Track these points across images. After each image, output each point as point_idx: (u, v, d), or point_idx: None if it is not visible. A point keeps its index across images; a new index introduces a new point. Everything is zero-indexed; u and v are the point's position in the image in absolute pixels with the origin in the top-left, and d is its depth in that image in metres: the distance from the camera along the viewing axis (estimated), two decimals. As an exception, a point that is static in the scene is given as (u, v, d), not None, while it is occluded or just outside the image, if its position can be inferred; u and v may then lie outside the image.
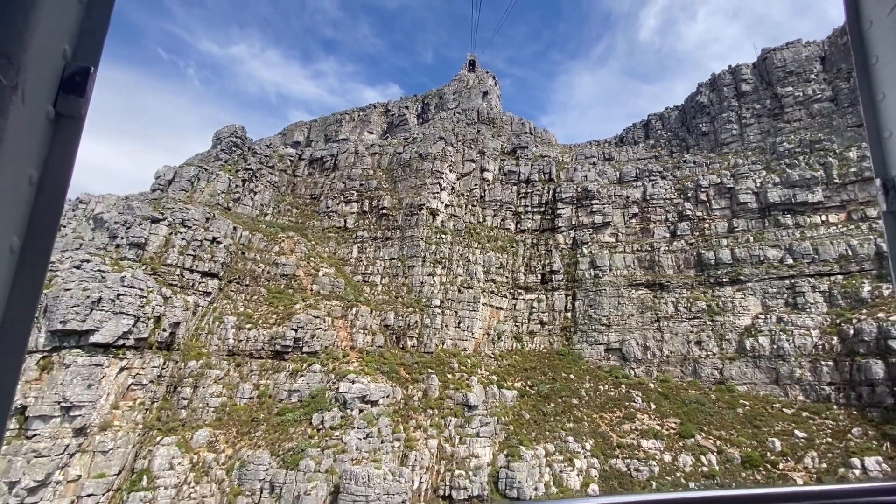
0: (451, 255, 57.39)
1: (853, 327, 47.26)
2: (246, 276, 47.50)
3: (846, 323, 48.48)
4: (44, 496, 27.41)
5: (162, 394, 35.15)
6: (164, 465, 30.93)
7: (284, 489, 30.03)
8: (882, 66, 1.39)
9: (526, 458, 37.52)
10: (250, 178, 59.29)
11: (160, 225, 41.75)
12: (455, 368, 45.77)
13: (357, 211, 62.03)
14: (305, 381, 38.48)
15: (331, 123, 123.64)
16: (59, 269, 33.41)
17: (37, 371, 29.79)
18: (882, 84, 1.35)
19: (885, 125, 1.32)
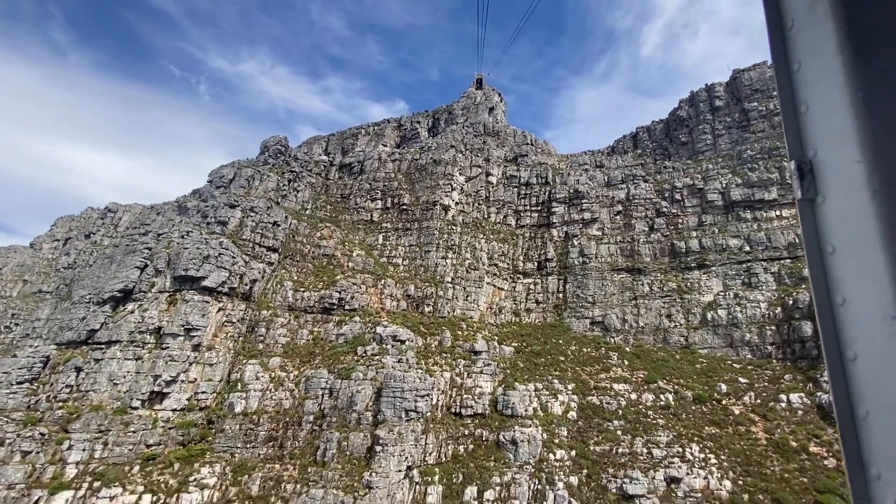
0: (461, 243, 70.44)
1: (793, 299, 59.07)
2: (296, 254, 60.87)
3: (788, 296, 60.25)
4: (174, 389, 40.17)
5: (244, 331, 48.10)
6: (251, 377, 43.61)
7: (340, 392, 42.47)
8: (798, 32, 1.38)
9: (519, 389, 49.59)
10: (294, 178, 73.36)
11: (236, 210, 55.53)
12: (464, 328, 58.28)
13: (381, 207, 75.64)
14: (349, 328, 51.22)
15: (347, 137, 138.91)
16: (171, 237, 46.97)
17: (166, 304, 42.96)
18: (798, 51, 1.34)
19: (801, 99, 1.31)
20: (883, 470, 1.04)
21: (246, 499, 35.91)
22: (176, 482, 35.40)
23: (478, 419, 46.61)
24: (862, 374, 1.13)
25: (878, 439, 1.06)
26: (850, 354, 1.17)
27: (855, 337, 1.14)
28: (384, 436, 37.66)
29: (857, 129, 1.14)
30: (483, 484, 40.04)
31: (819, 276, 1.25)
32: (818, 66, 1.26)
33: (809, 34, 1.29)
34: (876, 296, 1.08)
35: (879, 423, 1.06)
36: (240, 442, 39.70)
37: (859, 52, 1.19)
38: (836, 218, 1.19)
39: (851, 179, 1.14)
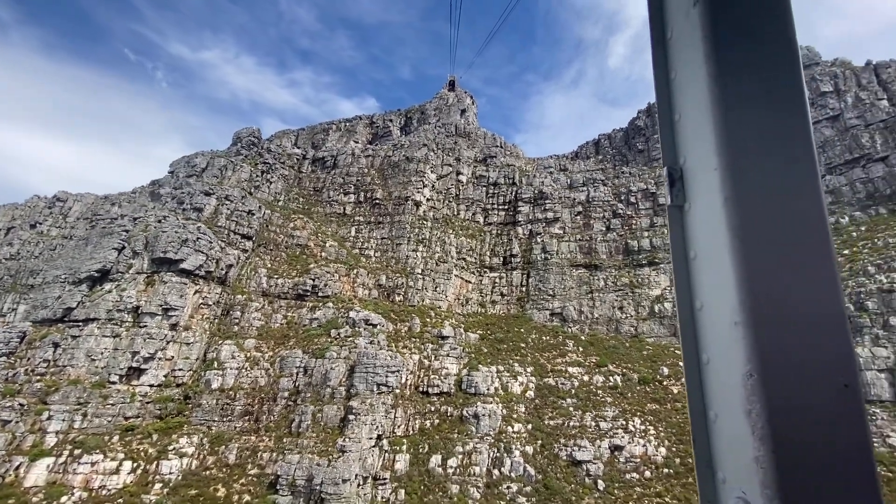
0: (431, 237, 75.09)
1: (726, 293, 67.51)
2: (270, 242, 63.55)
3: (723, 290, 68.69)
4: (151, 365, 42.43)
5: (219, 314, 50.56)
6: (227, 356, 46.31)
7: (314, 370, 45.98)
8: (675, 40, 1.43)
9: (482, 371, 54.67)
10: (267, 170, 75.69)
11: (211, 198, 57.71)
12: (432, 316, 62.89)
13: (354, 201, 79.21)
14: (322, 313, 54.65)
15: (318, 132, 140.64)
16: (147, 220, 48.97)
17: (144, 285, 45.04)
18: (675, 60, 1.40)
19: (676, 107, 1.36)
20: (727, 474, 1.11)
21: (224, 466, 38.82)
22: (155, 451, 37.79)
23: (443, 397, 51.23)
24: (712, 378, 1.19)
25: (724, 443, 1.12)
26: (705, 358, 1.22)
27: (709, 341, 1.20)
28: (357, 406, 41.60)
29: (715, 138, 1.22)
30: (447, 453, 44.67)
31: (683, 281, 1.32)
32: (690, 75, 1.34)
33: (684, 43, 1.37)
34: (725, 301, 1.14)
35: (725, 427, 1.12)
36: (216, 416, 42.40)
37: (721, 63, 1.27)
38: (698, 224, 1.26)
39: (710, 187, 1.22)
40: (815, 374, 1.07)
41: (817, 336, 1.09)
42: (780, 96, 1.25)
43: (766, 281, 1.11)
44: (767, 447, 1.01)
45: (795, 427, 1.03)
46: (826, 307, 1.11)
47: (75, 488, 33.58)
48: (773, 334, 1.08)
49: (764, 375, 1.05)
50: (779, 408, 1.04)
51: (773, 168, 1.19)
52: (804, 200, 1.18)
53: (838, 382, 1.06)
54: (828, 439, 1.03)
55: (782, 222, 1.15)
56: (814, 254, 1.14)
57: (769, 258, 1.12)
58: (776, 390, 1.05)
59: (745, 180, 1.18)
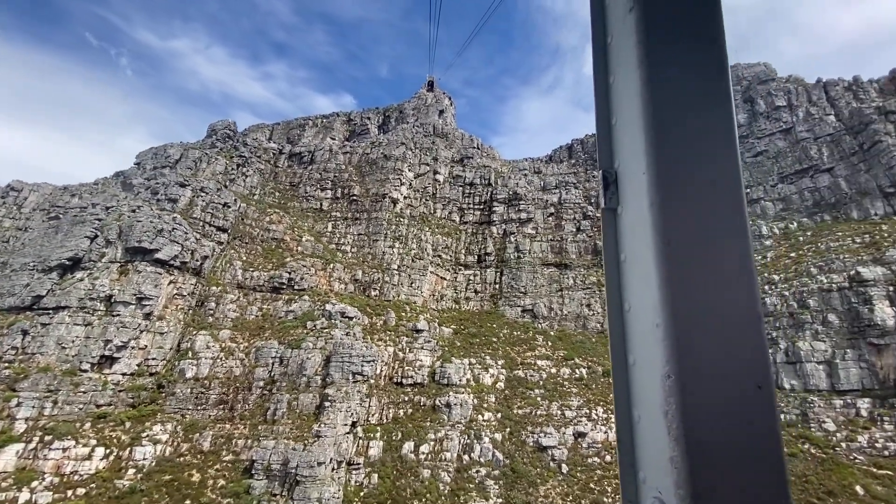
0: (408, 234, 77.24)
1: (686, 291, 72.59)
2: (245, 235, 64.22)
3: (683, 289, 73.74)
4: (124, 354, 42.86)
5: (193, 304, 51.11)
6: (202, 346, 47.05)
7: (290, 360, 47.35)
8: (614, 44, 1.46)
9: (455, 363, 57.20)
10: (243, 163, 76.04)
11: (186, 189, 58.00)
12: (407, 311, 65.02)
13: (331, 197, 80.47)
14: (298, 306, 55.93)
15: (294, 127, 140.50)
16: (120, 210, 49.17)
17: (117, 274, 45.31)
18: (614, 64, 1.43)
19: (613, 111, 1.38)
20: (647, 473, 1.13)
21: (198, 453, 39.74)
22: (128, 437, 38.32)
23: (417, 388, 53.45)
24: (637, 380, 1.22)
25: (645, 443, 1.14)
26: (631, 360, 1.24)
27: (635, 343, 1.23)
28: (332, 394, 43.30)
29: (645, 143, 1.26)
30: (419, 440, 46.91)
31: (613, 283, 1.34)
32: (625, 80, 1.37)
33: (621, 48, 1.41)
34: (649, 303, 1.17)
35: (646, 428, 1.14)
36: (190, 404, 43.16)
37: (653, 68, 1.31)
38: (629, 228, 1.29)
39: (639, 191, 1.25)
40: (730, 375, 1.10)
41: (733, 338, 1.13)
42: (709, 104, 1.31)
43: (686, 284, 1.15)
44: (681, 447, 1.04)
45: (709, 427, 1.06)
46: (743, 310, 1.15)
47: (46, 473, 33.90)
48: (691, 336, 1.11)
49: (680, 377, 1.08)
50: (693, 408, 1.07)
51: (698, 174, 1.24)
52: (727, 207, 1.23)
53: (752, 384, 1.09)
54: (740, 439, 1.06)
55: (704, 228, 1.20)
56: (733, 259, 1.18)
57: (689, 262, 1.17)
58: (691, 391, 1.08)
59: (670, 186, 1.23)
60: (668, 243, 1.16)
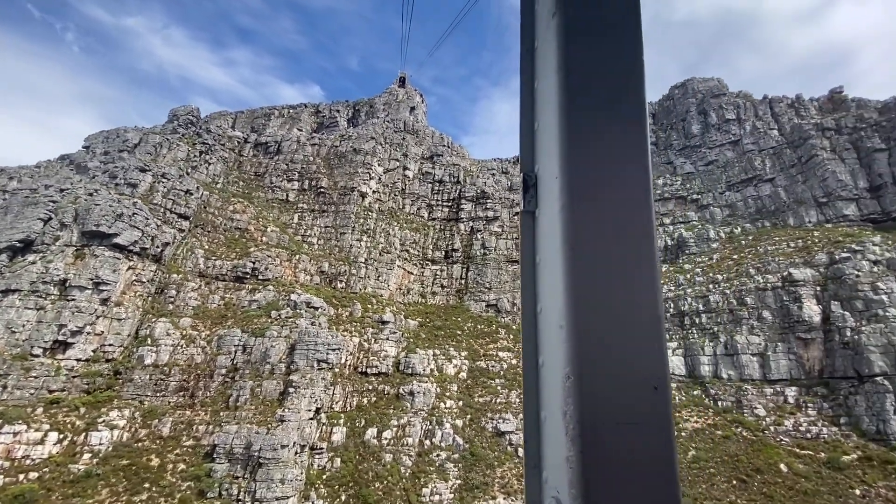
0: (376, 228, 78.79)
1: (640, 289, 77.98)
2: (208, 224, 63.91)
3: (638, 287, 79.16)
4: (79, 339, 42.38)
5: (153, 291, 50.75)
6: (162, 333, 46.98)
7: (254, 348, 48.09)
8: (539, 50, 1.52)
9: (420, 354, 59.44)
10: (206, 151, 75.21)
11: (147, 174, 57.22)
12: (374, 303, 66.70)
13: (298, 188, 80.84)
14: (262, 295, 56.50)
15: (258, 116, 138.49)
16: (76, 192, 48.34)
17: (73, 258, 44.59)
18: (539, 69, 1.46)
19: (536, 116, 1.41)
20: (549, 473, 1.14)
21: (157, 438, 39.98)
22: (83, 423, 38.05)
23: (381, 377, 55.31)
24: (544, 380, 1.23)
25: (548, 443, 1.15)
26: (541, 361, 1.25)
27: (544, 344, 1.24)
28: (297, 380, 44.52)
29: (559, 147, 1.30)
30: (383, 426, 48.86)
31: (528, 285, 1.37)
32: (547, 85, 1.41)
33: (545, 53, 1.45)
34: (556, 305, 1.20)
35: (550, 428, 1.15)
36: (149, 391, 43.16)
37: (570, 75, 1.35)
38: (544, 230, 1.31)
39: (552, 194, 1.29)
40: (628, 376, 1.13)
41: (633, 341, 1.17)
42: (623, 113, 1.35)
43: (589, 287, 1.18)
44: (576, 448, 1.06)
45: (603, 428, 1.08)
46: (644, 314, 1.19)
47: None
48: (591, 338, 1.14)
49: (579, 378, 1.10)
50: (589, 409, 1.09)
51: (607, 181, 1.29)
52: (634, 213, 1.27)
53: (649, 385, 1.13)
54: (634, 440, 1.09)
55: (610, 233, 1.24)
56: (637, 264, 1.23)
57: (594, 266, 1.20)
58: (588, 392, 1.10)
59: (580, 190, 1.26)
60: (574, 247, 1.20)
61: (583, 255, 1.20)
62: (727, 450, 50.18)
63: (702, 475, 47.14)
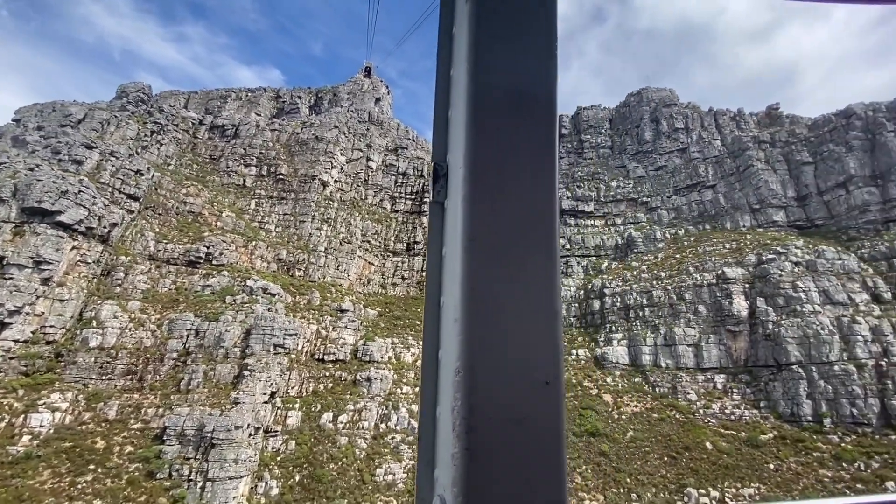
0: (337, 218, 79.39)
1: (591, 285, 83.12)
2: (159, 206, 62.45)
3: (589, 283, 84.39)
4: (17, 320, 40.94)
5: (99, 273, 49.37)
6: (109, 315, 45.98)
7: (207, 333, 48.05)
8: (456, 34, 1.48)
9: (378, 342, 61.10)
10: (158, 131, 72.97)
11: (94, 151, 55.22)
12: (333, 292, 67.59)
13: (256, 174, 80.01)
14: (217, 280, 56.17)
15: (214, 98, 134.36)
16: (15, 167, 46.37)
17: (11, 234, 42.82)
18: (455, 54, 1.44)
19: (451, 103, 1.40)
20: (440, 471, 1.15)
21: (102, 421, 39.46)
22: (22, 405, 36.98)
23: (339, 364, 56.55)
24: (442, 376, 1.22)
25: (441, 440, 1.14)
26: (441, 355, 1.24)
27: (443, 338, 1.23)
28: (252, 364, 45.11)
29: (465, 137, 1.28)
30: (339, 410, 50.25)
31: (433, 278, 1.35)
32: (459, 72, 1.40)
33: (460, 38, 1.43)
34: (454, 299, 1.19)
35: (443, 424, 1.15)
36: (94, 374, 42.32)
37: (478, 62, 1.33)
38: (450, 222, 1.30)
39: (458, 184, 1.27)
40: (518, 371, 1.12)
41: (527, 335, 1.15)
42: (531, 106, 1.33)
43: (484, 280, 1.17)
44: (461, 444, 1.06)
45: (490, 424, 1.07)
46: (541, 308, 1.18)
47: (-79, 441, 32.03)
48: (482, 332, 1.13)
49: (468, 372, 1.10)
50: (477, 405, 1.08)
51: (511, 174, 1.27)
52: (537, 209, 1.26)
53: (540, 380, 1.11)
54: (522, 436, 1.08)
55: (510, 227, 1.22)
56: (537, 259, 1.22)
57: (490, 259, 1.19)
58: (476, 387, 1.09)
59: (482, 182, 1.25)
60: (473, 239, 1.19)
61: (481, 248, 1.20)
62: (661, 431, 55.38)
63: (637, 453, 51.91)
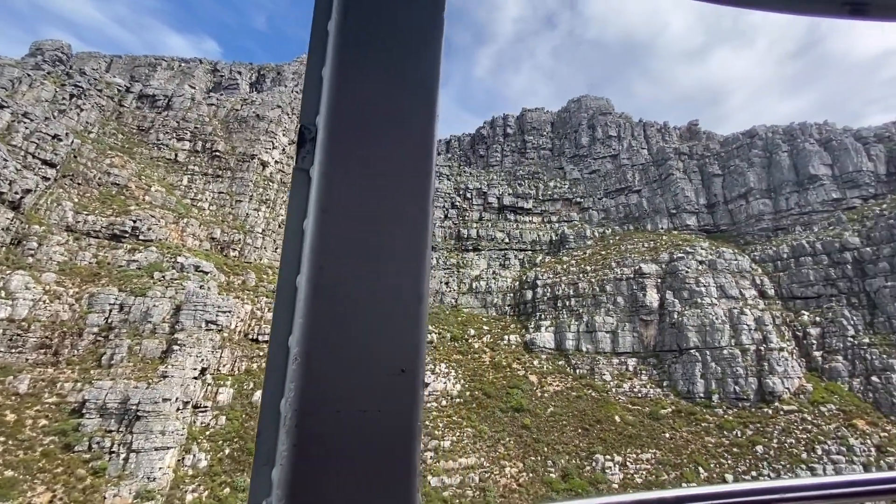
0: (276, 199, 78.86)
1: (526, 276, 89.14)
2: (79, 175, 59.14)
3: (524, 275, 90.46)
4: None
5: (8, 242, 46.34)
6: (20, 286, 43.57)
7: (133, 308, 47.00)
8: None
9: (315, 324, 62.41)
10: (79, 95, 68.42)
11: (5, 111, 51.29)
12: (270, 274, 67.60)
13: (190, 149, 77.41)
14: (144, 256, 54.60)
15: (141, 65, 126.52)
16: None
17: None
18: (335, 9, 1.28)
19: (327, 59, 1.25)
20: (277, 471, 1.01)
21: (12, 395, 37.80)
22: (-85, 376, 34.58)
23: (274, 344, 57.16)
24: (290, 363, 1.04)
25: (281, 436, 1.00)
26: (291, 341, 1.06)
27: (296, 321, 1.05)
28: (182, 339, 44.95)
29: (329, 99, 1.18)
30: (272, 388, 51.16)
31: (292, 254, 1.15)
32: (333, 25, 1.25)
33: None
34: (305, 276, 1.07)
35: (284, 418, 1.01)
36: (2, 347, 40.15)
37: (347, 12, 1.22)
38: (314, 193, 1.14)
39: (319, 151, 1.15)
40: (368, 358, 1.02)
41: (382, 319, 1.05)
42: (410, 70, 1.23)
43: (334, 257, 1.07)
44: (290, 440, 0.95)
45: (327, 417, 0.97)
46: (400, 291, 1.08)
47: None
48: (327, 313, 1.02)
49: (305, 358, 0.99)
50: (311, 395, 0.97)
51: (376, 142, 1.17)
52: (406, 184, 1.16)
53: (395, 368, 1.02)
54: (365, 429, 0.98)
55: (372, 200, 1.13)
56: (401, 239, 1.12)
57: (345, 234, 1.09)
58: (313, 375, 0.98)
59: (341, 147, 1.14)
60: (326, 210, 1.09)
61: (334, 221, 1.08)
62: (578, 407, 61.82)
63: (556, 426, 57.77)
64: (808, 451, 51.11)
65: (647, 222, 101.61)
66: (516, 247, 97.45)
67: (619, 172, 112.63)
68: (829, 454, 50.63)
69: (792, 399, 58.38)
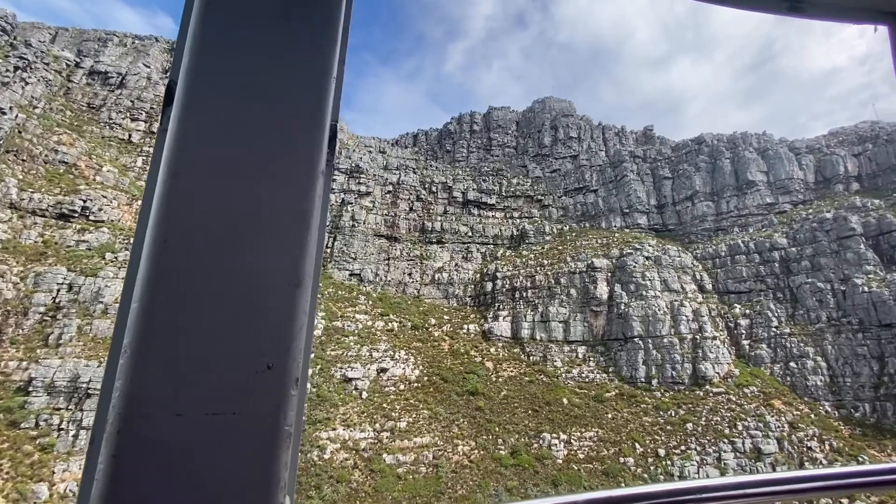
0: (236, 185, 78.05)
1: (487, 269, 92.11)
2: (23, 152, 56.76)
3: (486, 268, 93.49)
4: None
5: (-55, 217, 44.30)
6: (-42, 262, 41.96)
7: (83, 288, 46.08)
8: None
9: (275, 310, 62.71)
10: (24, 67, 65.20)
11: (-60, 77, 48.62)
12: (228, 259, 67.24)
13: (145, 130, 75.27)
14: (95, 237, 53.29)
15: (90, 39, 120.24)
16: None
17: None
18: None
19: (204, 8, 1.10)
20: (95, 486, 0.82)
21: (-50, 373, 36.67)
22: None
23: (232, 328, 57.21)
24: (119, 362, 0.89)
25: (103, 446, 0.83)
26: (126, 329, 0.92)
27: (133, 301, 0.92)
28: (137, 319, 44.59)
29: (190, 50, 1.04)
30: (230, 371, 51.43)
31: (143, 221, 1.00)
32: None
33: None
34: None
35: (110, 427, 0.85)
36: (-62, 324, 38.69)
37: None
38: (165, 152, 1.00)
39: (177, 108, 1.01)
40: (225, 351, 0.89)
41: (245, 305, 0.93)
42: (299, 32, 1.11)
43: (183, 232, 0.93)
44: (109, 450, 0.79)
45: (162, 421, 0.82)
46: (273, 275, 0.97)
47: None
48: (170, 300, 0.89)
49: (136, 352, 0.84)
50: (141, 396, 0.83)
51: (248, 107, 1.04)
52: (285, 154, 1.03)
53: (259, 363, 0.90)
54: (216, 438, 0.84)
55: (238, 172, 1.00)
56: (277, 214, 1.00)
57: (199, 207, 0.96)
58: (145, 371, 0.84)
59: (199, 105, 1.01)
60: (177, 174, 0.96)
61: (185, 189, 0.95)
62: (529, 390, 65.28)
63: (507, 408, 60.91)
64: (731, 427, 56.65)
65: (601, 220, 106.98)
66: (479, 241, 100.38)
67: (578, 172, 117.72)
68: (748, 430, 56.32)
69: (721, 382, 64.15)
